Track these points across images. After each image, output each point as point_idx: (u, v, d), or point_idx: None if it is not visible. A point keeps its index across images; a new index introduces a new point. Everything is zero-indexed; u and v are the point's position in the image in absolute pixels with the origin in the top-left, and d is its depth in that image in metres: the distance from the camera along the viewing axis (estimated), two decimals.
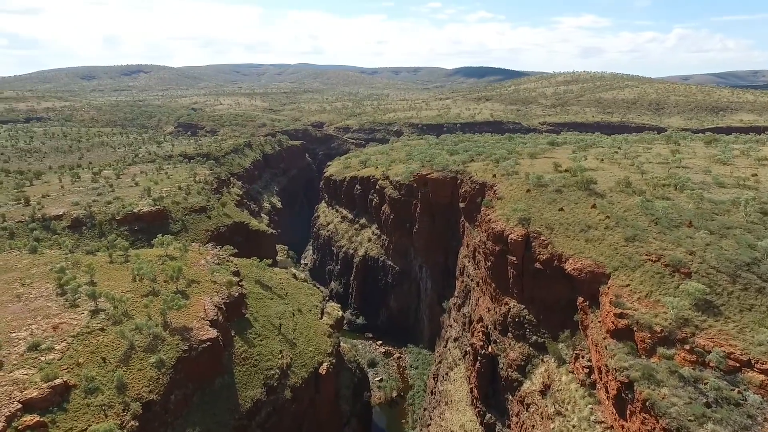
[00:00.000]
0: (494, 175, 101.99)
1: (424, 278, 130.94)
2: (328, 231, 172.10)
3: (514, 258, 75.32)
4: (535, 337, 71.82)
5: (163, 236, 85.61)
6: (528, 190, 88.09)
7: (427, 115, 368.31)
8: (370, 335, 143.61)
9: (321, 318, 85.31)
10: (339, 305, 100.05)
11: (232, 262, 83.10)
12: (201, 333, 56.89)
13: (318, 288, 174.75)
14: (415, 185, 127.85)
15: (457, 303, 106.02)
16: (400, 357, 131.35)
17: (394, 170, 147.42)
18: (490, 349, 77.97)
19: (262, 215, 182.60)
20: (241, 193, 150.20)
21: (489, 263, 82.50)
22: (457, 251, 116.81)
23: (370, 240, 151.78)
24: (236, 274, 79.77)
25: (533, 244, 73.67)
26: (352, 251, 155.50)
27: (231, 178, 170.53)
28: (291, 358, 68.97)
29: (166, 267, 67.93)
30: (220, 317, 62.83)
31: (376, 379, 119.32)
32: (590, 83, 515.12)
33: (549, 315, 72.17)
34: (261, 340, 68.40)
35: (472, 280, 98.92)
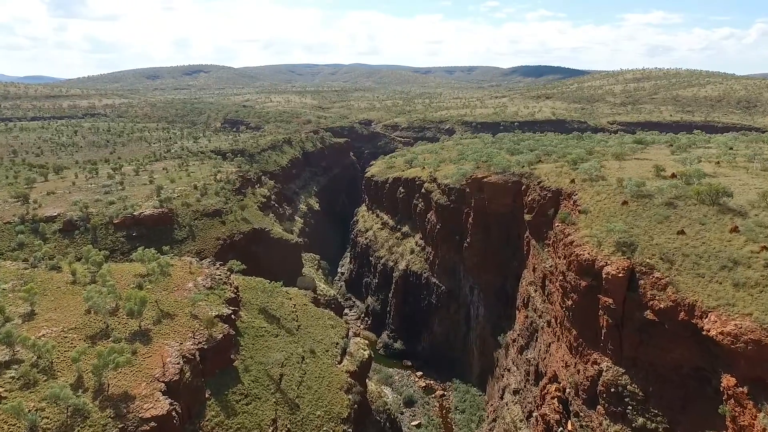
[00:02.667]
0: (572, 181, 78.73)
1: (475, 302, 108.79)
2: (366, 238, 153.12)
3: (611, 300, 52.54)
4: (642, 419, 48.88)
5: (145, 249, 69.00)
6: (625, 202, 64.63)
7: (482, 113, 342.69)
8: (409, 363, 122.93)
9: (341, 362, 65.74)
10: (368, 341, 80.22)
11: (230, 285, 65.18)
12: (146, 406, 38.62)
13: (353, 301, 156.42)
14: (467, 190, 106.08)
15: (518, 342, 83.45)
16: (443, 395, 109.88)
17: (443, 171, 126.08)
18: (570, 427, 55.46)
19: (296, 218, 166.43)
20: (269, 193, 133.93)
21: (569, 301, 59.89)
22: (519, 274, 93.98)
23: (412, 252, 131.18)
24: (232, 302, 61.74)
25: (642, 282, 50.68)
26: (392, 264, 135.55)
27: (263, 177, 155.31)
28: (288, 430, 49.75)
29: (131, 296, 50.50)
30: (187, 374, 44.55)
31: (413, 423, 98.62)
32: (664, 80, 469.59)
33: (663, 388, 49.07)
34: (249, 403, 49.65)
35: (540, 317, 76.15)
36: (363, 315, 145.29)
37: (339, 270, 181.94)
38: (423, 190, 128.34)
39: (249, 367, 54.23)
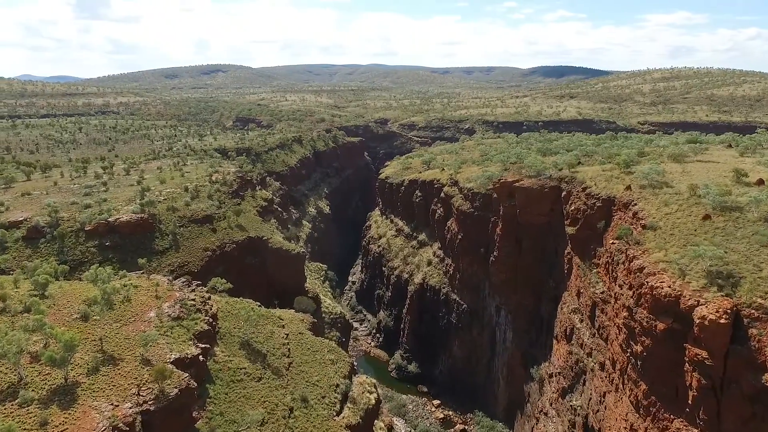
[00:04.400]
0: (628, 187, 64.28)
1: (502, 325, 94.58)
2: (379, 246, 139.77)
3: (705, 354, 38.32)
4: None
5: (102, 266, 56.79)
6: (706, 217, 50.21)
7: (503, 113, 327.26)
8: (425, 389, 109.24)
9: (340, 412, 52.45)
10: (375, 381, 66.60)
11: (205, 312, 52.43)
12: None
13: (364, 314, 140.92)
14: (494, 195, 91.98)
15: (558, 381, 69.17)
16: (464, 430, 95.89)
17: (465, 174, 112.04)
18: None
19: (304, 222, 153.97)
20: (272, 196, 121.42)
21: (638, 346, 45.67)
22: (556, 296, 79.68)
23: (430, 263, 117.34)
24: (205, 336, 48.99)
25: (754, 332, 36.46)
26: (406, 276, 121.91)
27: (267, 178, 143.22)
28: None
29: (59, 337, 37.94)
30: None
31: None
32: (696, 79, 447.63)
33: None
34: None
35: (589, 355, 61.85)
36: (374, 331, 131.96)
37: (350, 279, 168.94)
38: (442, 194, 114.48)
39: (216, 429, 41.28)
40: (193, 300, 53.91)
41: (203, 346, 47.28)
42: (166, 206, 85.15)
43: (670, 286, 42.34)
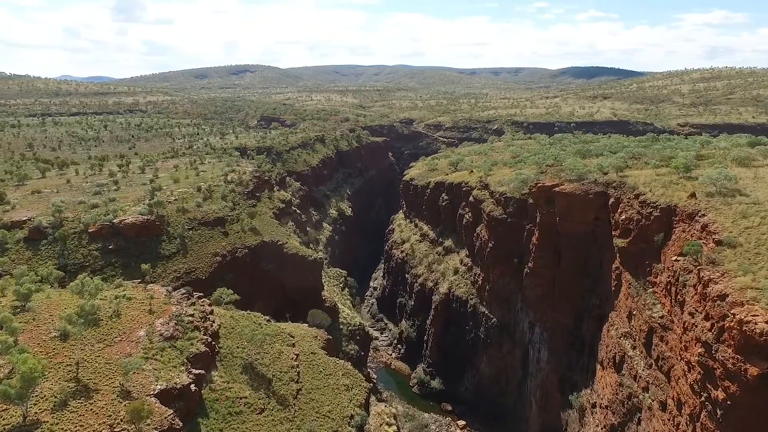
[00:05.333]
0: (693, 195, 55.36)
1: (537, 343, 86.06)
2: (402, 252, 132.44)
3: None
4: None
5: (90, 276, 51.23)
6: None
7: (533, 113, 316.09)
8: (449, 408, 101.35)
9: None
10: (395, 411, 59.44)
11: (203, 330, 46.23)
12: None
13: (385, 323, 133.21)
14: (530, 201, 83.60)
15: (606, 416, 60.52)
16: None
17: (497, 177, 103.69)
18: None
19: (324, 225, 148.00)
20: (290, 197, 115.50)
21: (719, 392, 37.19)
22: (602, 316, 70.95)
23: (456, 272, 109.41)
24: (200, 360, 42.72)
25: None
26: (431, 284, 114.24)
27: (287, 178, 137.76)
28: None
29: (20, 366, 32.01)
30: None
31: None
32: (739, 79, 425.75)
33: None
34: None
35: (645, 390, 53.21)
36: (395, 341, 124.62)
37: (371, 284, 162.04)
38: (471, 198, 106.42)
39: None
40: (192, 315, 47.79)
41: (197, 372, 40.94)
42: (176, 207, 79.88)
43: (764, 324, 33.81)
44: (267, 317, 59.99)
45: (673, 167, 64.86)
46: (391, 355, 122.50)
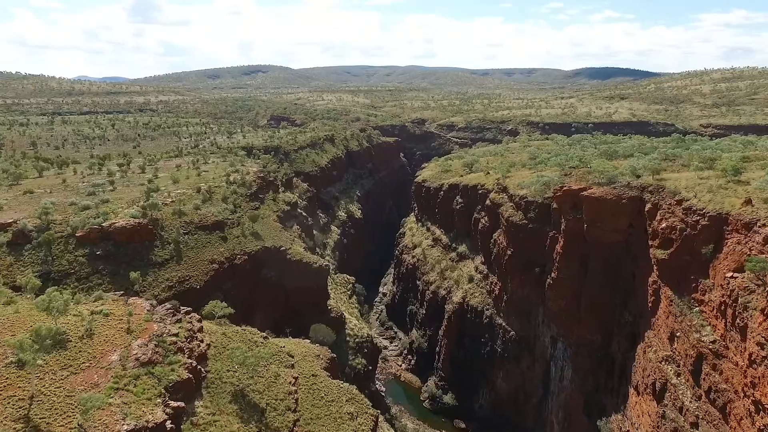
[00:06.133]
0: (748, 201, 48.44)
1: (560, 360, 79.30)
2: (413, 257, 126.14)
3: None
4: None
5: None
6: None
7: (549, 114, 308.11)
8: (463, 425, 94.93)
9: None
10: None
11: (188, 352, 40.51)
12: None
13: (395, 332, 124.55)
14: (554, 206, 76.86)
15: None
16: None
17: (516, 179, 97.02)
18: None
19: (332, 228, 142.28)
20: (296, 199, 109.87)
21: None
22: (635, 334, 64.16)
23: (471, 280, 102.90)
24: (182, 388, 36.95)
25: None
26: (443, 292, 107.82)
27: (294, 179, 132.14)
28: None
29: None
30: None
31: None
32: (762, 79, 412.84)
33: None
34: None
35: (694, 426, 46.33)
36: (405, 351, 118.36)
37: (381, 290, 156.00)
38: (488, 201, 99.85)
39: None
40: (176, 335, 42.12)
41: (176, 405, 35.16)
42: (172, 210, 74.51)
43: None
44: (264, 334, 54.15)
45: (720, 170, 57.80)
46: (401, 366, 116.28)
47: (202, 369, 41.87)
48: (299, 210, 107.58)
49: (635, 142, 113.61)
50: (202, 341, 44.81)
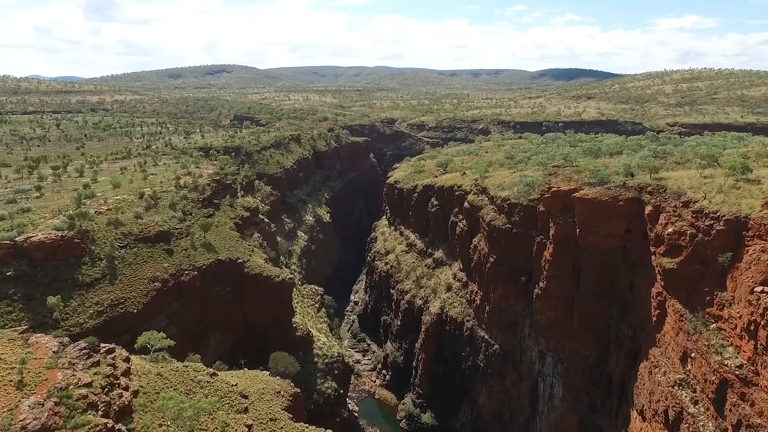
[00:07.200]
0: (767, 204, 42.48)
1: (549, 376, 72.73)
2: (386, 263, 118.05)
3: None
4: None
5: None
6: None
7: (520, 113, 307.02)
8: None
9: None
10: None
11: (106, 405, 31.00)
12: None
13: (368, 344, 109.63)
14: (541, 208, 70.18)
15: None
16: None
17: (495, 179, 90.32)
18: None
19: (299, 233, 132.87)
20: (256, 204, 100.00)
21: None
22: (635, 350, 57.90)
23: (449, 288, 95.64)
24: None
25: None
26: (420, 302, 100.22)
27: (256, 182, 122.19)
28: None
29: None
30: None
31: None
32: (721, 80, 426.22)
33: None
34: None
35: None
36: (380, 366, 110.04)
37: (352, 298, 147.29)
38: (466, 204, 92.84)
39: None
40: (89, 385, 32.57)
41: None
42: (107, 219, 63.95)
43: None
44: (212, 370, 44.88)
45: (728, 168, 52.01)
46: (375, 382, 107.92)
47: (123, 429, 32.45)
48: (261, 216, 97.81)
49: (615, 140, 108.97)
50: (126, 389, 35.41)
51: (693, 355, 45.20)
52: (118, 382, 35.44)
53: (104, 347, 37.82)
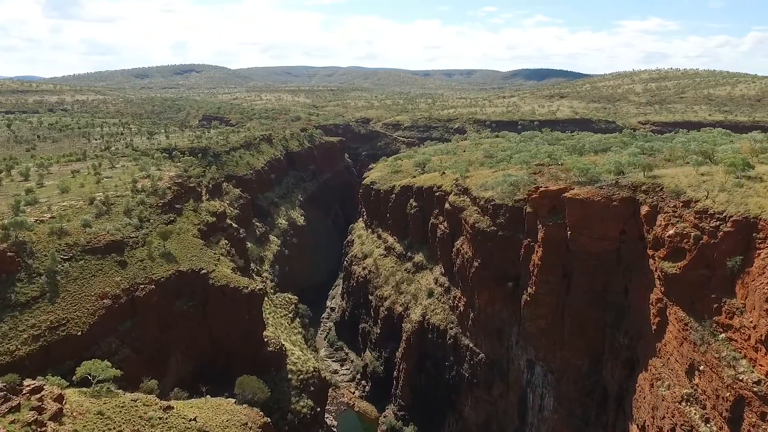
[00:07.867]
0: None
1: (538, 387, 68.83)
2: (364, 268, 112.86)
3: None
4: None
5: None
6: None
7: (495, 112, 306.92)
8: None
9: None
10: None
11: None
12: None
13: (345, 353, 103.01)
14: (528, 209, 66.22)
15: None
16: None
17: (477, 179, 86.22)
18: None
19: (271, 238, 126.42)
20: (223, 209, 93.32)
21: None
22: (632, 360, 54.34)
23: (431, 294, 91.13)
24: None
25: None
26: (400, 309, 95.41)
27: (224, 184, 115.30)
28: None
29: None
30: None
31: None
32: (687, 79, 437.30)
33: None
34: None
35: None
36: (359, 377, 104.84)
37: (328, 304, 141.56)
38: (447, 205, 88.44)
39: None
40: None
41: None
42: (50, 228, 56.81)
43: None
44: (167, 404, 38.88)
45: (728, 165, 48.77)
46: (354, 393, 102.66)
47: None
48: (229, 221, 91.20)
49: (596, 137, 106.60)
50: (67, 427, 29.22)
51: (701, 368, 41.59)
52: (44, 428, 29.25)
53: (29, 385, 31.52)
